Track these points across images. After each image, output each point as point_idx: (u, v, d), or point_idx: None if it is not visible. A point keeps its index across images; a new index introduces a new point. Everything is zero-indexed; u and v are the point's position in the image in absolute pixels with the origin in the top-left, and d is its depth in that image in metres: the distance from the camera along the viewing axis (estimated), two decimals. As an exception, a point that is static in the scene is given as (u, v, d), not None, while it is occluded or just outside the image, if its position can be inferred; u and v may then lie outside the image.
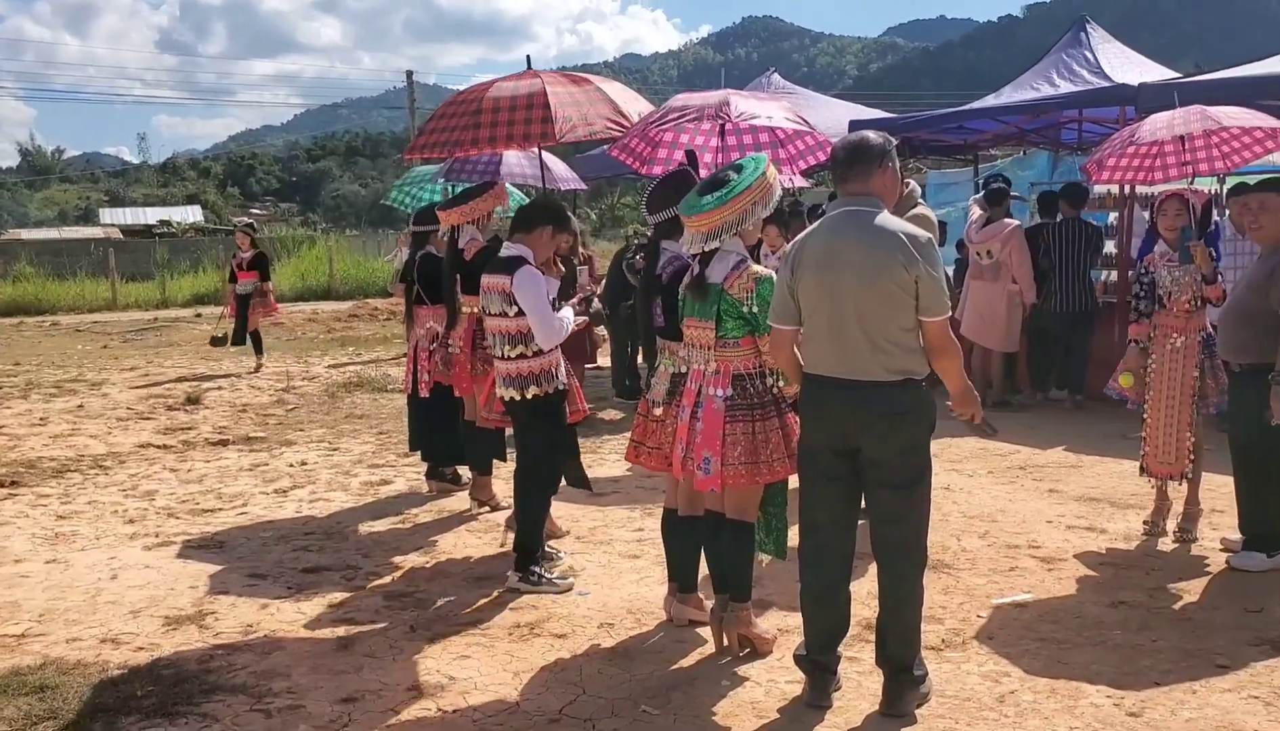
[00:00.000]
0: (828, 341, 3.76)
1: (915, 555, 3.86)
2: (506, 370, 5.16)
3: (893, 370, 3.70)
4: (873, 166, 3.80)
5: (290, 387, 12.31)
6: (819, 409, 3.83)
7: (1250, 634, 4.49)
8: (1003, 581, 5.24)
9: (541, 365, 5.13)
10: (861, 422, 3.72)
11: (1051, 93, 11.01)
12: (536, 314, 5.00)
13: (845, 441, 3.78)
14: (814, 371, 3.84)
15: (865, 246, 3.68)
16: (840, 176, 3.85)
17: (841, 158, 3.84)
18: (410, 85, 36.09)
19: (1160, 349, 5.86)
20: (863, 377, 3.71)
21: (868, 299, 3.66)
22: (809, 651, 3.98)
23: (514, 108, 5.37)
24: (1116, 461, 7.51)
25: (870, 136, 3.88)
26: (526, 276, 5.00)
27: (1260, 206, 5.30)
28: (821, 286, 3.75)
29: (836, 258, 3.72)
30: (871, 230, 3.70)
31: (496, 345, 5.19)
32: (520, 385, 5.13)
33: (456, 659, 4.46)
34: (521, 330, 5.08)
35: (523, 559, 5.31)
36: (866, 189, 3.79)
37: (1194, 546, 5.69)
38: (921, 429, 3.79)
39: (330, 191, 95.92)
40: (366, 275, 29.27)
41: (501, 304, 5.09)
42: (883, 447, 3.74)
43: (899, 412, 3.71)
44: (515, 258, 5.09)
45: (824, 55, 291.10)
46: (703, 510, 4.55)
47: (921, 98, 75.62)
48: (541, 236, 5.20)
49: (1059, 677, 4.11)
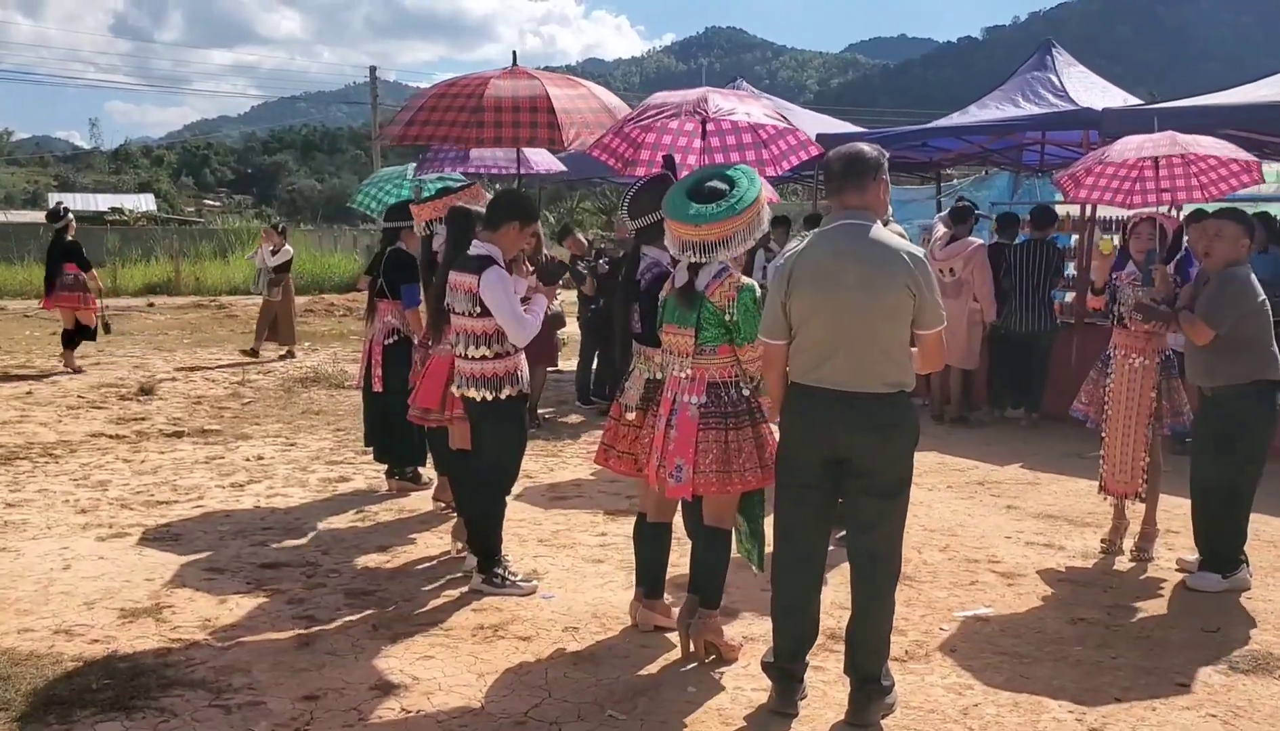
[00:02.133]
0: (823, 353, 3.77)
1: (891, 564, 3.89)
2: (470, 370, 5.11)
3: (888, 382, 3.73)
4: (868, 179, 3.81)
5: (245, 381, 12.16)
6: (809, 419, 3.83)
7: (1207, 653, 4.56)
8: (964, 594, 5.28)
9: (506, 367, 5.10)
10: (854, 433, 3.74)
11: (1016, 114, 11.15)
12: (506, 313, 4.96)
13: (834, 451, 3.79)
14: (805, 382, 3.84)
15: (866, 261, 3.70)
16: (836, 189, 3.85)
17: (838, 170, 3.83)
18: (373, 80, 35.81)
19: (1120, 369, 5.95)
20: (857, 389, 3.73)
21: (868, 313, 3.68)
22: (777, 659, 3.98)
23: (517, 109, 5.32)
24: (1073, 480, 7.61)
25: (865, 148, 3.88)
26: (494, 277, 4.95)
27: (1216, 233, 5.39)
28: (820, 299, 3.75)
29: (836, 272, 3.73)
30: (871, 245, 3.72)
31: (461, 344, 5.14)
32: (485, 386, 5.09)
33: (420, 659, 4.42)
34: (487, 330, 5.04)
35: (485, 561, 5.27)
36: (862, 202, 3.80)
37: (1150, 566, 5.76)
38: (909, 439, 3.84)
39: (286, 185, 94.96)
40: (322, 270, 29.01)
41: (467, 303, 5.04)
42: (873, 457, 3.76)
43: (892, 424, 3.75)
44: (483, 257, 5.04)
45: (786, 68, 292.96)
46: (673, 516, 4.53)
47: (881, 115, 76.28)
48: (509, 233, 5.11)
49: (1021, 691, 4.15)
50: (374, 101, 35.41)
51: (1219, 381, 5.29)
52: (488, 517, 5.27)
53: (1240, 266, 5.30)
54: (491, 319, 4.99)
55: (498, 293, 4.93)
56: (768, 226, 4.34)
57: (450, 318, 5.19)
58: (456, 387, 5.22)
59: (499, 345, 5.04)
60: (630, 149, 5.78)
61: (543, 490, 7.28)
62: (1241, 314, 5.20)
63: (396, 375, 6.82)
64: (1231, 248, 5.31)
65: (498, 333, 5.02)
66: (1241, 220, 5.47)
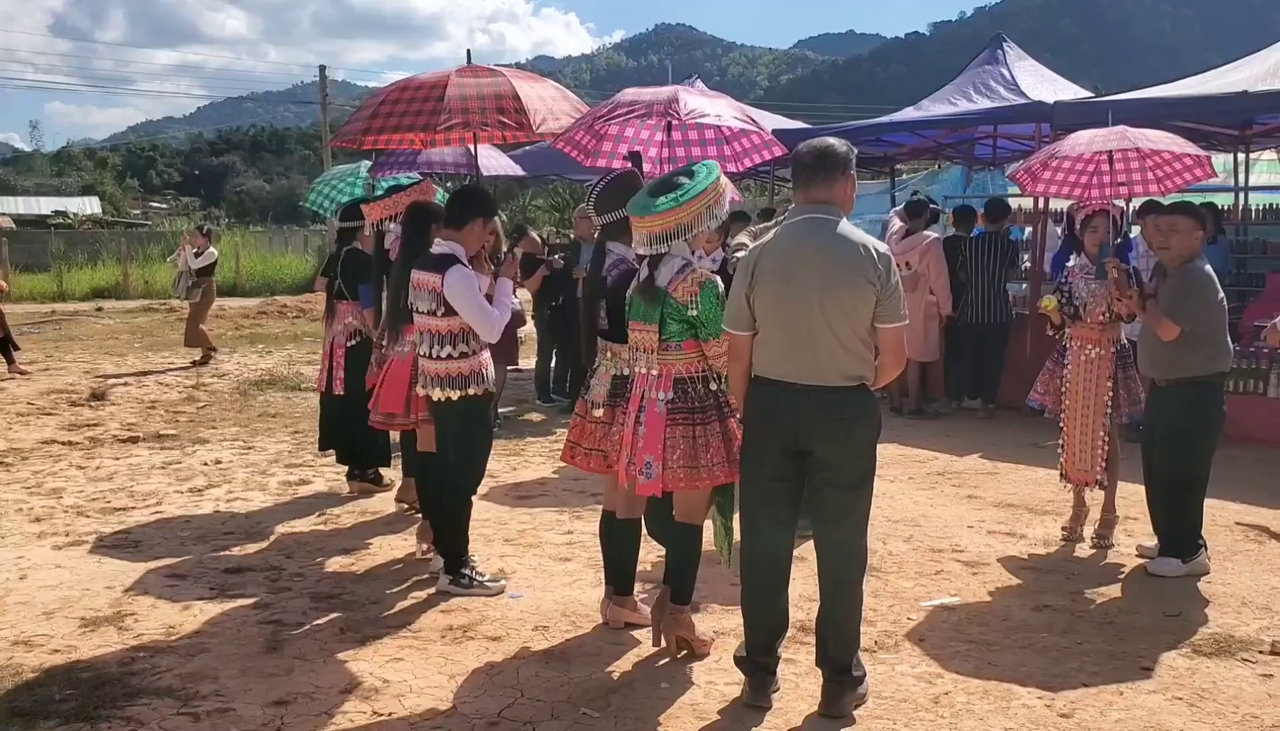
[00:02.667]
0: (785, 346, 3.79)
1: (858, 555, 3.91)
2: (435, 370, 5.07)
3: (848, 375, 3.75)
4: (837, 174, 3.83)
5: (200, 385, 12.00)
6: (772, 411, 3.85)
7: (1170, 637, 4.63)
8: (930, 584, 5.33)
9: (472, 366, 5.06)
10: (816, 425, 3.76)
11: (969, 108, 11.26)
12: (473, 310, 4.92)
13: (797, 444, 3.81)
14: (768, 375, 3.86)
15: (829, 255, 3.72)
16: (804, 182, 3.86)
17: (808, 163, 3.85)
18: (323, 80, 35.45)
19: (1076, 360, 6.03)
20: (818, 382, 3.74)
21: (829, 306, 3.70)
22: (749, 653, 3.99)
23: (483, 102, 5.25)
24: (1031, 469, 7.70)
25: (835, 144, 3.89)
26: (457, 276, 4.91)
27: (1170, 227, 5.48)
28: (782, 292, 3.77)
29: (799, 265, 3.75)
30: (834, 239, 3.74)
31: (425, 344, 5.10)
32: (450, 385, 5.05)
33: (389, 661, 4.38)
34: (452, 330, 5.00)
35: (452, 562, 5.23)
36: (829, 197, 3.83)
37: (1110, 552, 5.85)
38: (871, 432, 3.86)
39: (234, 186, 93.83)
40: (274, 272, 28.73)
41: (431, 302, 5.00)
42: (835, 450, 3.78)
43: (853, 416, 3.77)
44: (446, 256, 5.00)
45: (736, 65, 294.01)
46: (642, 512, 4.53)
47: (830, 110, 76.77)
48: (472, 230, 5.08)
49: (990, 679, 4.19)
50: (323, 101, 35.06)
51: (1177, 374, 5.36)
52: (455, 519, 5.23)
53: (1200, 262, 5.39)
54: (456, 318, 4.95)
55: (463, 291, 4.89)
56: (724, 214, 4.34)
57: (413, 317, 5.14)
58: (421, 387, 5.18)
59: (464, 344, 5.00)
60: (593, 141, 5.77)
61: (506, 489, 7.25)
62: (1204, 309, 5.29)
63: (358, 377, 6.76)
64: (1186, 240, 5.40)
65: (463, 332, 4.99)
66: (1193, 213, 5.57)
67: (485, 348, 5.11)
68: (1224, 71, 10.11)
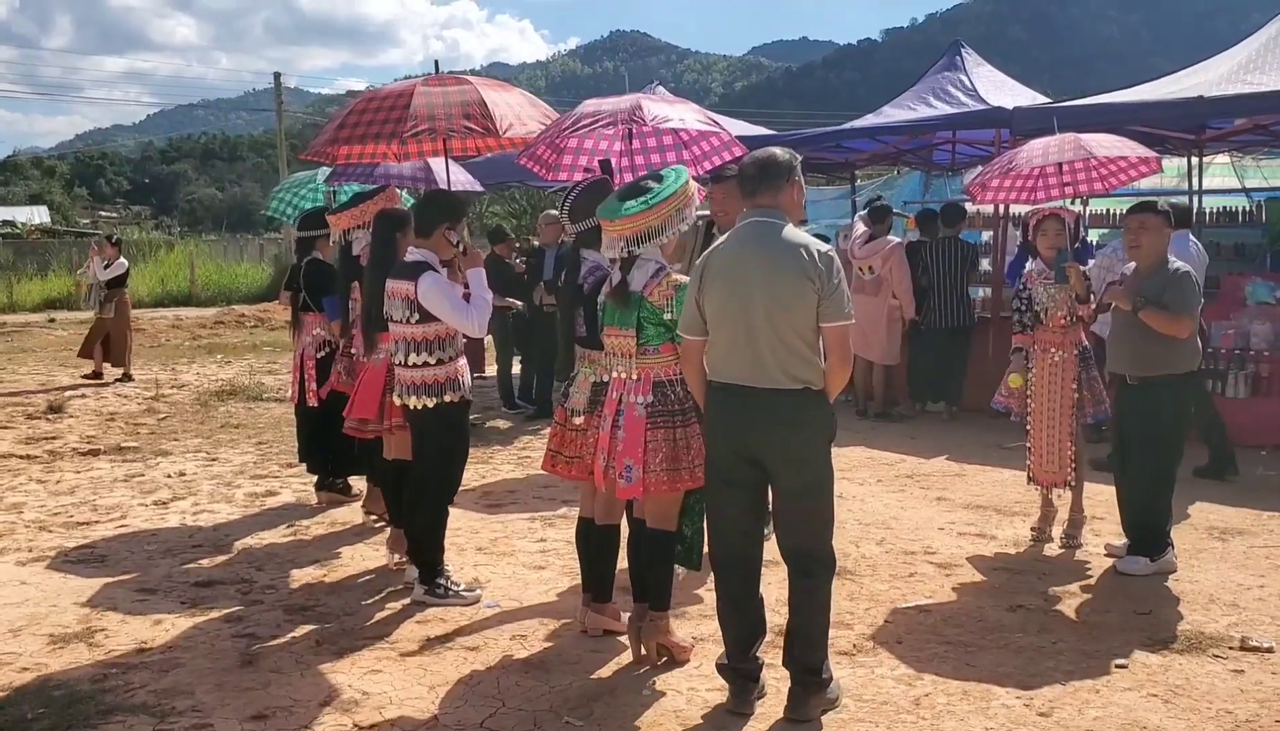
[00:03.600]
0: (733, 349, 3.83)
1: (821, 559, 3.92)
2: (411, 378, 5.04)
3: (794, 378, 3.77)
4: (781, 181, 3.89)
5: (160, 396, 11.84)
6: (723, 415, 3.89)
7: (1142, 634, 4.69)
8: (904, 586, 5.36)
9: (448, 373, 5.04)
10: (762, 429, 3.79)
11: (929, 114, 11.36)
12: (453, 312, 4.92)
13: (748, 448, 3.83)
14: (719, 379, 3.91)
15: (771, 257, 3.76)
16: (750, 191, 3.93)
17: (752, 172, 3.92)
18: (278, 86, 35.13)
19: (1040, 363, 6.10)
20: (765, 385, 3.77)
21: (772, 308, 3.74)
22: (729, 659, 4.00)
23: (450, 110, 5.22)
24: (997, 470, 7.78)
25: (778, 152, 3.96)
26: (430, 282, 4.89)
27: (1140, 226, 5.57)
28: (729, 296, 3.82)
29: (743, 268, 3.80)
30: (777, 242, 3.78)
31: (401, 352, 5.07)
32: (426, 393, 5.02)
33: (368, 673, 4.34)
34: (427, 337, 4.98)
35: (427, 572, 5.20)
36: (775, 203, 3.88)
37: (1079, 551, 5.92)
38: (820, 437, 3.87)
39: (186, 195, 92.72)
40: (229, 281, 28.47)
41: (405, 310, 4.98)
42: (783, 455, 3.81)
43: (799, 421, 3.79)
44: (418, 263, 4.98)
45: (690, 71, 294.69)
46: (620, 517, 4.53)
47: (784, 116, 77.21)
48: (441, 236, 5.06)
49: (969, 679, 4.22)
50: (279, 107, 34.73)
51: (1155, 371, 5.43)
52: (432, 528, 5.20)
53: (1183, 262, 5.50)
54: (431, 325, 4.94)
55: (438, 295, 4.89)
56: (693, 218, 4.36)
57: (388, 325, 5.11)
58: (397, 396, 5.14)
59: (440, 351, 4.99)
60: (553, 154, 5.77)
61: (476, 497, 7.21)
62: (1199, 306, 5.42)
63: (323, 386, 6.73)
64: (1158, 237, 5.51)
65: (438, 339, 4.97)
66: (1158, 210, 5.67)
67: (461, 354, 5.09)
68: (1180, 76, 10.28)
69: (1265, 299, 9.21)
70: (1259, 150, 12.37)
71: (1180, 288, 5.41)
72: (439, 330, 4.97)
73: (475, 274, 5.07)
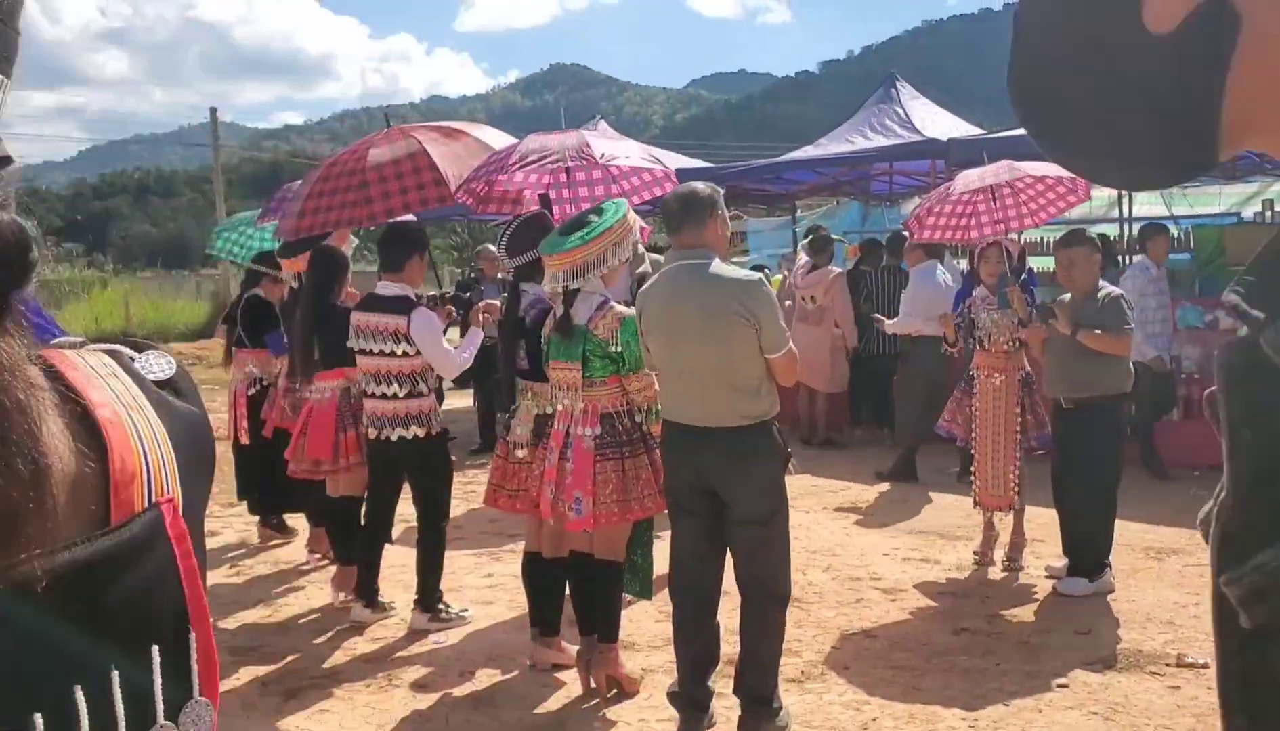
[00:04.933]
0: (681, 395, 3.89)
1: (775, 588, 3.96)
2: (390, 410, 5.07)
3: (743, 415, 3.82)
4: (704, 217, 3.94)
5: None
6: (676, 453, 3.95)
7: (1082, 654, 4.77)
8: (851, 613, 5.41)
9: (423, 406, 5.07)
10: (716, 465, 3.84)
11: (866, 146, 11.55)
12: (439, 352, 5.04)
13: (701, 480, 3.88)
14: (668, 417, 3.97)
15: (703, 299, 3.81)
16: (674, 228, 3.99)
17: (675, 210, 3.98)
18: (214, 121, 34.80)
19: (983, 389, 6.20)
20: (713, 424, 3.82)
21: (711, 347, 3.79)
22: (683, 685, 4.02)
23: (400, 174, 5.23)
24: (940, 495, 7.88)
25: (699, 188, 4.03)
26: (422, 319, 4.99)
27: (1069, 262, 5.71)
28: (666, 340, 3.89)
29: (677, 311, 3.86)
30: (707, 280, 3.84)
31: (377, 385, 5.08)
32: (404, 425, 5.04)
33: (315, 713, 4.31)
34: (402, 371, 5.02)
35: (427, 598, 5.24)
36: (699, 240, 3.93)
37: (1021, 574, 6.01)
38: (773, 468, 3.91)
39: (121, 231, 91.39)
40: (166, 318, 28.00)
41: (387, 343, 5.01)
42: (737, 488, 3.85)
43: (750, 455, 3.83)
44: (402, 298, 5.06)
45: (631, 104, 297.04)
46: (568, 552, 4.54)
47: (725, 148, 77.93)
48: (412, 268, 5.16)
49: (915, 703, 4.27)
50: (215, 142, 34.39)
51: (1090, 393, 5.55)
52: (431, 554, 5.27)
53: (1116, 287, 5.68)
54: (412, 359, 5.00)
55: (428, 333, 4.99)
56: (633, 250, 4.41)
57: (335, 362, 5.13)
58: (373, 428, 5.13)
59: (411, 385, 5.05)
60: (484, 187, 5.78)
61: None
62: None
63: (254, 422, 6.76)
64: (1088, 268, 5.66)
65: (413, 373, 5.04)
66: (1085, 241, 5.82)
67: (434, 390, 5.14)
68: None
69: (1195, 323, 9.45)
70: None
71: (1115, 310, 5.55)
72: (415, 364, 5.06)
73: (474, 334, 5.25)
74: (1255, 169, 11.51)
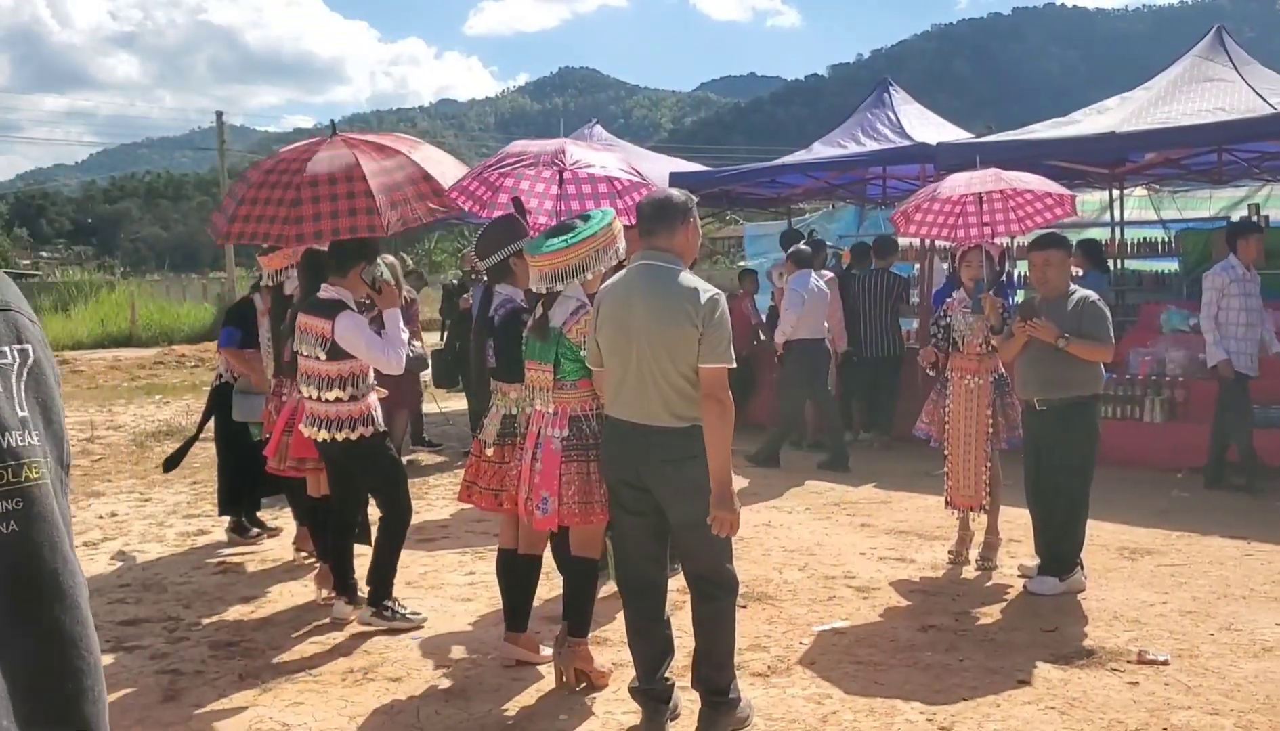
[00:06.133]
0: (621, 388, 3.97)
1: (722, 582, 4.03)
2: (325, 412, 5.13)
3: (679, 417, 3.90)
4: (676, 223, 4.03)
5: (94, 437, 11.77)
6: (614, 449, 4.04)
7: (1046, 651, 4.85)
8: (822, 610, 5.50)
9: (361, 408, 5.13)
10: (647, 464, 3.93)
11: (857, 150, 11.65)
12: (370, 350, 5.03)
13: (639, 478, 3.97)
14: (610, 414, 4.07)
15: (656, 298, 3.90)
16: (646, 231, 4.07)
17: (649, 213, 4.06)
18: (220, 126, 35.04)
19: (957, 390, 6.29)
20: (651, 422, 3.91)
21: (656, 348, 3.88)
22: (641, 682, 4.11)
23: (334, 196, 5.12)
24: (922, 496, 7.96)
25: (674, 194, 4.12)
26: (346, 322, 5.01)
27: (1045, 262, 5.79)
28: (616, 338, 3.97)
29: (631, 312, 3.94)
30: (664, 284, 3.93)
31: (311, 387, 5.17)
32: (339, 427, 5.11)
33: (289, 705, 4.40)
34: (341, 374, 5.08)
35: (377, 593, 5.30)
36: (670, 245, 4.02)
37: (994, 573, 6.09)
38: (705, 472, 3.94)
39: (130, 234, 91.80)
40: (172, 321, 28.21)
41: (316, 347, 5.08)
42: (671, 490, 3.93)
43: (684, 457, 3.90)
44: (334, 301, 5.09)
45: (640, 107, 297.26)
46: (543, 548, 4.63)
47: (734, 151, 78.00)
48: (355, 276, 5.18)
49: (876, 697, 4.36)
50: (220, 147, 34.63)
51: (1066, 393, 5.62)
52: (386, 553, 5.30)
53: (1092, 291, 5.77)
54: (344, 362, 5.05)
55: (355, 334, 4.99)
56: (617, 258, 4.49)
57: (300, 360, 5.22)
58: (308, 428, 5.22)
59: (353, 387, 5.09)
60: (488, 192, 5.88)
61: (409, 532, 7.23)
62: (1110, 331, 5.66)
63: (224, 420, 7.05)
64: (1063, 270, 5.76)
65: (351, 375, 5.08)
66: (1061, 244, 5.91)
67: (371, 390, 5.20)
68: (1095, 111, 10.63)
69: (1180, 326, 9.53)
70: (1174, 183, 12.79)
71: (1095, 316, 5.63)
72: (352, 367, 5.08)
73: (391, 314, 5.18)
74: (1243, 173, 11.56)
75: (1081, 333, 5.55)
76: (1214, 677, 4.50)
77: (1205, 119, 9.19)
